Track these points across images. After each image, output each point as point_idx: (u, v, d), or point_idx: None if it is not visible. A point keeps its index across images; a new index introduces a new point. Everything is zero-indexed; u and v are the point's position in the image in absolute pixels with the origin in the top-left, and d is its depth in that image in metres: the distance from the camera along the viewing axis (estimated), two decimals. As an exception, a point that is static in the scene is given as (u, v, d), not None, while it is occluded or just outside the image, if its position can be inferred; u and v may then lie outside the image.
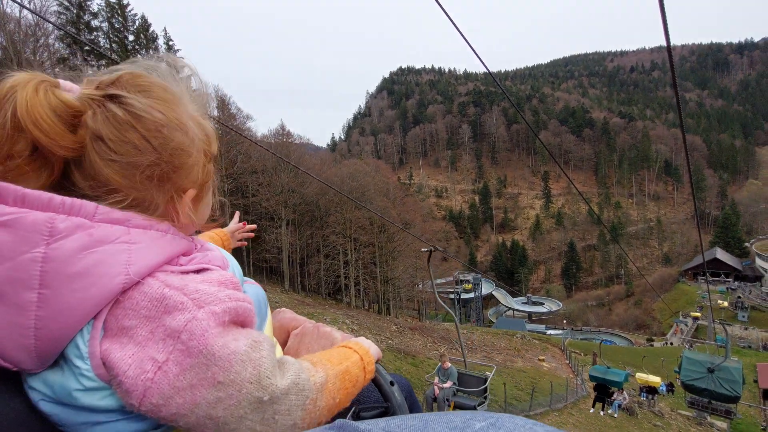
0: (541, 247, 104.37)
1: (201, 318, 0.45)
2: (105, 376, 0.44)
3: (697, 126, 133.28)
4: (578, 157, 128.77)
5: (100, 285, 0.43)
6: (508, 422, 0.28)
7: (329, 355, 0.64)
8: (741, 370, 11.91)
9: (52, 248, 0.42)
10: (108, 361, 0.43)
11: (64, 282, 0.42)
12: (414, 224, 40.06)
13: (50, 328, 0.42)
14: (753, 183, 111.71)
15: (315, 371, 0.56)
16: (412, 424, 0.28)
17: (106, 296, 0.44)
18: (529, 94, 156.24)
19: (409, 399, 0.84)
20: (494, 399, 14.30)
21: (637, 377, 19.33)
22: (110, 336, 0.45)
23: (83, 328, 0.44)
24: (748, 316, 49.81)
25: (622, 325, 61.11)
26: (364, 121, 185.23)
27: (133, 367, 0.43)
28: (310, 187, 31.81)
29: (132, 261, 0.45)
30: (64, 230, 0.43)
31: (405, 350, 18.67)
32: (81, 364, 0.44)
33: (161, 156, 0.49)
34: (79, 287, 0.43)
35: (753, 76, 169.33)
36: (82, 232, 0.44)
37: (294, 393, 0.51)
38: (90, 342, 0.44)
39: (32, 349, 0.43)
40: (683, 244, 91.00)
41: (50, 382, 0.45)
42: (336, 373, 0.59)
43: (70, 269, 0.43)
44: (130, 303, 0.45)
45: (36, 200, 0.43)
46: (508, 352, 28.26)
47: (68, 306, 0.42)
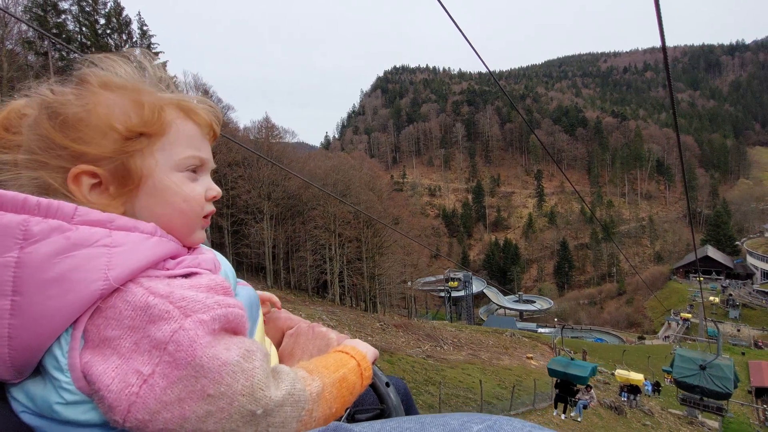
0: (533, 246, 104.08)
1: (188, 327, 0.42)
2: (86, 389, 0.41)
3: (689, 126, 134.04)
4: (571, 156, 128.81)
5: (77, 291, 0.41)
6: (506, 425, 0.27)
7: (325, 361, 0.61)
8: (732, 368, 11.95)
9: (25, 252, 0.40)
10: (89, 374, 0.40)
11: (39, 288, 0.40)
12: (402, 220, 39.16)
13: (24, 338, 0.40)
14: (744, 182, 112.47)
15: (311, 380, 0.54)
16: (407, 427, 0.28)
17: (83, 303, 0.41)
18: (522, 94, 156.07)
19: (406, 401, 0.82)
20: (472, 397, 13.42)
21: (617, 375, 17.83)
22: (91, 347, 0.41)
23: (61, 338, 0.41)
24: (740, 314, 49.59)
25: (613, 324, 60.73)
26: (358, 120, 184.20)
27: (117, 380, 0.40)
28: (293, 180, 30.76)
29: (112, 265, 0.42)
30: (39, 233, 0.41)
31: (383, 347, 17.75)
32: (60, 377, 0.41)
33: (46, 132, 0.47)
34: (55, 294, 0.40)
35: (744, 77, 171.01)
36: (59, 235, 0.41)
37: (289, 404, 0.48)
38: (69, 353, 0.41)
39: (6, 359, 0.40)
40: (675, 243, 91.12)
41: (32, 394, 0.43)
42: (333, 381, 0.57)
43: (44, 275, 0.40)
44: (112, 312, 0.42)
45: (10, 202, 0.41)
46: (496, 350, 27.43)
47: (43, 314, 0.40)
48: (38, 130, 0.47)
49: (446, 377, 15.80)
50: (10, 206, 0.41)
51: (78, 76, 0.50)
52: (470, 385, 15.05)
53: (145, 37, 26.14)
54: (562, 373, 11.83)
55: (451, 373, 16.80)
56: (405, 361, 16.46)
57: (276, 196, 31.33)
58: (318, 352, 0.70)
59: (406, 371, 14.87)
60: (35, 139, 0.47)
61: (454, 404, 12.46)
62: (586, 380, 11.75)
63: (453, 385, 14.82)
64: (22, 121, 0.48)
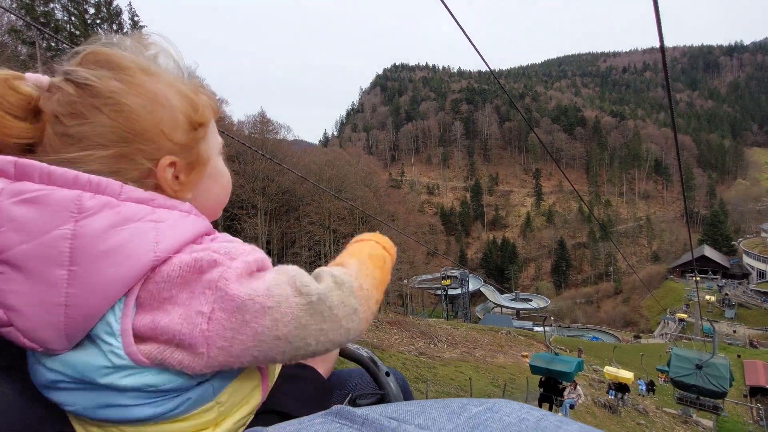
0: (531, 245, 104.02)
1: (234, 266, 0.47)
2: (135, 356, 0.44)
3: (688, 126, 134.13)
4: (570, 155, 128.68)
5: (131, 262, 0.44)
6: (504, 406, 0.28)
7: (347, 252, 0.65)
8: (728, 367, 11.97)
9: (80, 225, 0.42)
10: (158, 329, 0.44)
11: (94, 259, 0.42)
12: (398, 217, 38.82)
13: (81, 306, 0.42)
14: (741, 183, 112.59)
15: (344, 265, 0.59)
16: (409, 409, 0.29)
17: (136, 274, 0.44)
18: (522, 93, 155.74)
19: (405, 391, 0.85)
20: (463, 395, 13.13)
21: (605, 372, 17.29)
22: (150, 310, 0.45)
23: (114, 306, 0.45)
24: (735, 313, 49.61)
25: (610, 323, 60.73)
26: (357, 117, 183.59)
27: (185, 325, 0.44)
28: (288, 175, 30.36)
29: (159, 239, 0.46)
30: (92, 208, 0.43)
31: (375, 344, 17.47)
32: (112, 341, 0.44)
33: (117, 122, 0.48)
34: (110, 264, 0.43)
35: (742, 77, 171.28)
36: (110, 210, 0.44)
37: (337, 287, 0.52)
38: (122, 319, 0.45)
39: (61, 327, 0.42)
40: (672, 243, 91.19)
41: (72, 362, 0.45)
42: (362, 259, 0.61)
43: (99, 247, 0.43)
44: (162, 276, 0.45)
45: (62, 177, 0.43)
46: (491, 348, 27.20)
47: (99, 283, 0.42)
48: (101, 119, 0.48)
49: (438, 375, 15.53)
50: (62, 182, 0.43)
51: (106, 60, 0.50)
52: (462, 383, 14.79)
53: (136, 28, 25.66)
54: (546, 370, 11.12)
55: (443, 371, 16.53)
56: (396, 358, 16.19)
57: (270, 192, 30.94)
58: None
59: (397, 368, 14.48)
60: (101, 130, 0.48)
61: (445, 402, 12.15)
62: (571, 376, 10.95)
63: (444, 383, 14.55)
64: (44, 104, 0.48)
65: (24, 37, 22.21)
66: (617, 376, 16.08)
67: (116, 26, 25.17)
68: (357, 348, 0.79)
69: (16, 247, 0.41)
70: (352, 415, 0.29)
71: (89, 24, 23.83)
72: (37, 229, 0.41)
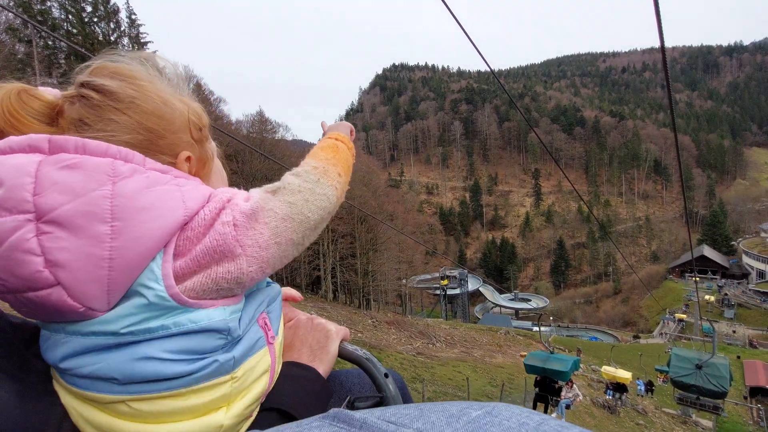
0: (530, 245, 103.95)
1: (240, 192, 0.57)
2: (178, 296, 0.49)
3: (687, 126, 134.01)
4: (569, 155, 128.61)
5: (165, 216, 0.49)
6: (504, 410, 0.28)
7: (312, 152, 0.70)
8: (728, 367, 11.96)
9: (118, 186, 0.47)
10: (195, 257, 0.51)
11: (134, 214, 0.47)
12: (397, 216, 38.71)
13: (123, 258, 0.46)
14: (740, 183, 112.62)
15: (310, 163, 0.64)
16: (407, 413, 0.29)
17: (171, 226, 0.50)
18: (521, 93, 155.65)
19: (403, 393, 0.85)
20: (460, 395, 13.04)
21: (602, 372, 17.07)
22: (187, 251, 0.51)
23: (156, 257, 0.49)
24: (735, 313, 49.53)
25: (609, 323, 60.68)
26: (356, 117, 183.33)
27: (217, 237, 0.51)
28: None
29: (186, 198, 0.52)
30: (126, 172, 0.48)
31: (373, 344, 17.35)
32: (155, 285, 0.49)
33: (141, 125, 0.55)
34: (148, 218, 0.48)
35: (742, 78, 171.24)
36: (140, 174, 0.50)
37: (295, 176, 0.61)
38: (163, 265, 0.49)
39: (105, 281, 0.46)
40: (671, 243, 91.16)
41: (111, 318, 0.48)
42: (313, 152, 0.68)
43: (137, 203, 0.48)
44: (194, 224, 0.52)
45: (96, 148, 0.48)
46: (489, 348, 27.09)
47: (138, 237, 0.47)
48: (124, 119, 0.54)
49: (435, 374, 15.42)
50: (97, 152, 0.48)
51: (116, 71, 0.55)
52: (459, 383, 14.68)
53: (134, 26, 25.60)
54: (541, 369, 10.72)
55: (440, 371, 16.42)
56: (394, 357, 16.08)
57: (269, 191, 30.77)
58: (317, 344, 0.77)
59: (394, 368, 14.37)
60: (126, 129, 0.53)
61: (442, 402, 12.04)
62: (567, 375, 10.51)
63: (441, 383, 14.44)
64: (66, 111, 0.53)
65: (21, 36, 22.08)
66: (615, 376, 15.83)
67: (113, 24, 25.10)
68: (355, 349, 0.79)
69: (62, 206, 0.44)
70: (350, 419, 0.29)
71: (86, 22, 23.76)
72: (80, 189, 0.45)
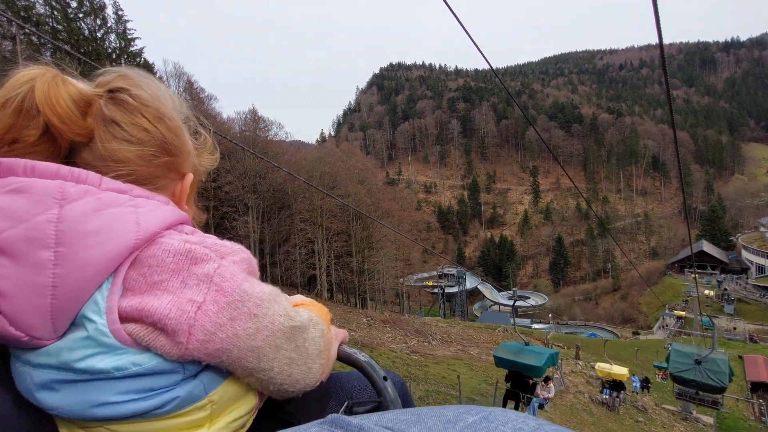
0: (529, 243, 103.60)
1: (227, 265, 0.49)
2: (119, 333, 0.45)
3: (685, 122, 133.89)
4: (567, 152, 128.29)
5: (114, 241, 0.46)
6: (500, 416, 0.28)
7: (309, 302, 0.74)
8: (727, 362, 11.86)
9: (65, 209, 0.44)
10: (145, 311, 0.45)
11: (80, 239, 0.44)
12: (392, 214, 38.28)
13: (68, 285, 0.43)
14: (739, 178, 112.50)
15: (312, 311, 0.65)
16: (404, 418, 0.28)
17: (120, 252, 0.46)
18: (519, 90, 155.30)
19: (403, 395, 0.85)
20: (454, 394, 12.63)
21: (597, 369, 16.50)
22: (138, 293, 0.47)
23: (102, 286, 0.46)
24: (735, 308, 49.21)
25: (608, 319, 60.33)
26: (354, 117, 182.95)
27: (174, 310, 0.46)
28: (279, 172, 29.84)
29: (140, 221, 0.48)
30: (75, 194, 0.45)
31: (365, 342, 16.96)
32: (97, 319, 0.45)
33: (166, 138, 0.55)
34: (94, 243, 0.45)
35: (739, 74, 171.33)
36: (91, 196, 0.47)
37: (312, 325, 0.58)
38: (108, 297, 0.46)
39: (48, 310, 0.43)
40: (670, 238, 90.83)
41: (56, 350, 0.45)
42: (324, 315, 0.70)
43: (84, 227, 0.44)
44: (154, 260, 0.47)
45: (45, 170, 0.46)
46: (487, 346, 26.70)
47: (84, 263, 0.44)
48: (152, 128, 0.54)
49: (429, 373, 15.02)
50: (46, 174, 0.46)
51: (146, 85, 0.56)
52: (453, 381, 14.28)
53: (121, 22, 25.04)
54: (512, 363, 9.41)
55: (434, 369, 16.03)
56: (386, 356, 15.70)
57: (262, 189, 30.39)
58: None
59: (387, 366, 13.97)
60: (156, 141, 0.54)
61: (434, 401, 11.66)
62: (540, 371, 9.15)
63: (435, 381, 14.04)
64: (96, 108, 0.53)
65: (4, 32, 21.57)
66: (611, 373, 15.24)
67: (100, 21, 24.57)
68: (354, 351, 0.78)
69: (4, 232, 0.42)
70: (348, 425, 0.28)
71: (71, 18, 23.22)
72: (24, 214, 0.43)
